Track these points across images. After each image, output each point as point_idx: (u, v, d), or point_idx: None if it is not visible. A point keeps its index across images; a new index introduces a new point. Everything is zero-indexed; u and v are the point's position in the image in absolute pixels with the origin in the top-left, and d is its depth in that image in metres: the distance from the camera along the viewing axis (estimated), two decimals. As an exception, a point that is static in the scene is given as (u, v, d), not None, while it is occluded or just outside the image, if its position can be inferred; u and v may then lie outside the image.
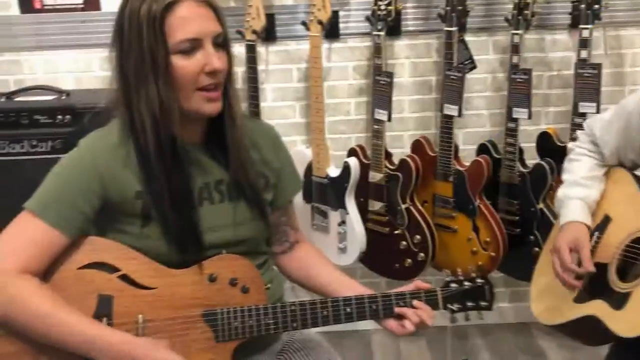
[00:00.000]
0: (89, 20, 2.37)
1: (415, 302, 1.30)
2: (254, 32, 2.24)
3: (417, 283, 1.34)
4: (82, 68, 2.41)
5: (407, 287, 1.34)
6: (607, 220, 1.59)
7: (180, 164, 1.25)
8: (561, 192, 1.66)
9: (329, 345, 1.47)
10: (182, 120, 1.25)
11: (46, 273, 1.22)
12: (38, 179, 2.02)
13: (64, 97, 2.14)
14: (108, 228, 1.29)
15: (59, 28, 2.38)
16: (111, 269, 1.25)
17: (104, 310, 1.22)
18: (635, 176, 1.60)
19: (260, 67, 2.40)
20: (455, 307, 1.32)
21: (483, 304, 1.33)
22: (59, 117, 2.04)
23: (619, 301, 1.44)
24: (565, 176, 1.69)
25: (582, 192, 1.61)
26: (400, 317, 1.30)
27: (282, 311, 1.28)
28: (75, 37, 2.39)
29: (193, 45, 1.21)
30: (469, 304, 1.33)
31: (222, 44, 1.25)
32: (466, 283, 1.33)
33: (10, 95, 2.15)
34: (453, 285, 1.33)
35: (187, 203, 1.27)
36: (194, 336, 1.25)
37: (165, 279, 1.26)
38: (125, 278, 1.24)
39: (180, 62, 1.20)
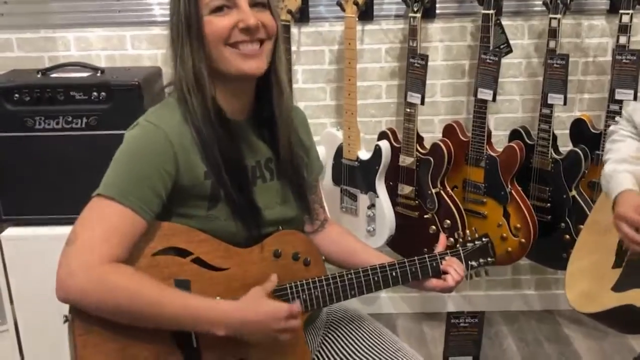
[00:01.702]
0: (122, -2, 2.38)
1: (447, 257, 1.40)
2: (289, 12, 2.23)
3: (442, 237, 1.45)
4: (115, 46, 2.42)
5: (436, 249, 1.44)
6: None
7: (232, 137, 1.25)
8: (609, 167, 1.63)
9: (367, 315, 1.53)
10: (225, 93, 1.25)
11: (126, 259, 1.19)
12: (72, 155, 2.08)
13: (99, 74, 2.15)
14: (173, 213, 1.26)
15: (94, 5, 2.38)
16: (184, 252, 1.24)
17: None
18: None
19: (292, 48, 2.39)
20: (474, 263, 1.44)
21: (490, 259, 1.46)
22: (94, 93, 2.04)
23: (659, 290, 1.43)
24: (609, 155, 1.67)
25: (630, 167, 1.59)
26: (438, 276, 1.39)
27: (342, 280, 1.32)
28: (109, 14, 2.39)
29: (226, 4, 1.21)
30: (481, 260, 1.45)
31: (262, 3, 1.24)
32: (477, 242, 1.45)
33: (45, 71, 2.15)
34: (469, 244, 1.45)
35: (245, 179, 1.27)
36: None
37: (235, 259, 1.26)
38: (198, 261, 1.24)
39: (213, 20, 1.20)
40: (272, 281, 1.26)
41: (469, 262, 1.43)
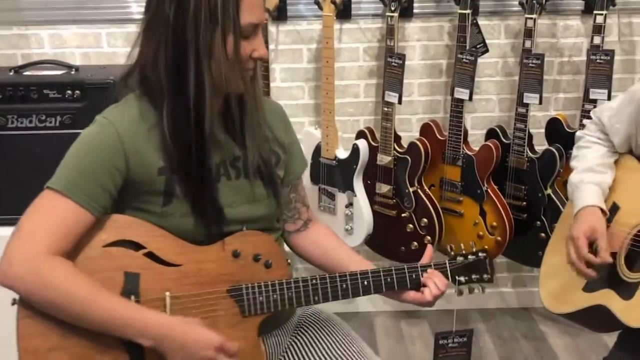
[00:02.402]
0: (97, -5, 2.36)
1: (429, 270, 1.34)
2: (267, 10, 2.23)
3: (429, 249, 1.39)
4: (90, 44, 2.39)
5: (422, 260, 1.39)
6: (615, 208, 1.60)
7: (206, 135, 1.24)
8: (576, 177, 1.65)
9: (340, 319, 1.50)
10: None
11: (72, 252, 1.21)
12: (46, 154, 2.04)
13: (73, 72, 2.12)
14: (127, 207, 1.27)
15: (68, 2, 2.35)
16: (137, 246, 1.24)
17: (131, 288, 1.21)
18: (643, 164, 1.61)
19: (270, 46, 2.38)
20: (462, 279, 1.37)
21: (486, 276, 1.39)
22: (69, 92, 2.02)
23: (628, 291, 1.46)
24: (575, 163, 1.69)
25: (597, 177, 1.61)
26: (417, 289, 1.35)
27: (305, 285, 1.30)
28: (84, 12, 2.36)
29: (253, 31, 1.22)
30: (474, 276, 1.38)
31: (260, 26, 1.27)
32: (470, 257, 1.38)
33: (18, 69, 2.12)
34: (459, 258, 1.38)
35: (207, 176, 1.26)
36: (220, 312, 1.26)
37: (190, 256, 1.26)
38: (151, 255, 1.24)
39: (243, 44, 1.21)
40: (231, 343, 1.22)
41: (457, 277, 1.37)
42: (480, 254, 1.39)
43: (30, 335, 1.18)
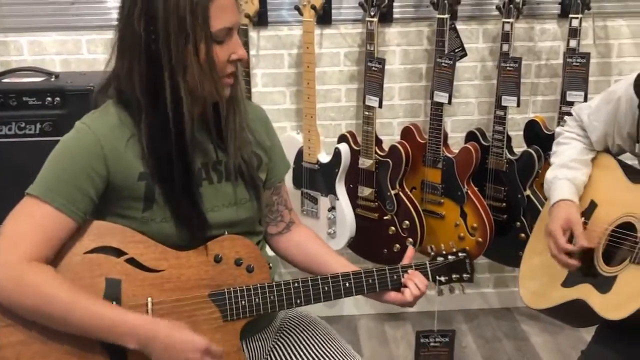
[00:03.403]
0: (78, 2, 2.34)
1: (410, 271, 1.36)
2: (247, 16, 2.24)
3: (409, 250, 1.41)
4: (70, 50, 2.39)
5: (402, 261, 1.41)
6: (593, 205, 1.63)
7: (187, 142, 1.24)
8: (550, 173, 1.68)
9: (323, 321, 1.51)
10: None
11: (53, 258, 1.21)
12: (26, 162, 2.03)
13: (53, 79, 2.11)
14: (107, 213, 1.27)
15: (47, 9, 2.34)
16: (118, 252, 1.24)
17: (112, 294, 1.22)
18: (620, 162, 1.64)
19: (251, 52, 2.39)
20: (442, 279, 1.40)
21: (465, 276, 1.41)
22: (49, 99, 2.01)
23: (605, 285, 1.48)
24: (553, 159, 1.72)
25: (570, 173, 1.64)
26: (398, 289, 1.37)
27: (287, 288, 1.30)
28: (64, 18, 2.35)
29: (227, 35, 1.22)
30: (454, 276, 1.41)
31: (238, 29, 1.26)
32: (450, 257, 1.41)
33: (-3, 76, 2.12)
34: (439, 258, 1.40)
35: (189, 181, 1.26)
36: (202, 317, 1.26)
37: (171, 261, 1.26)
38: (132, 261, 1.24)
39: (215, 50, 1.20)
40: (215, 346, 1.22)
41: (437, 278, 1.39)
42: (460, 254, 1.41)
43: (12, 343, 1.17)
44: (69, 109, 2.01)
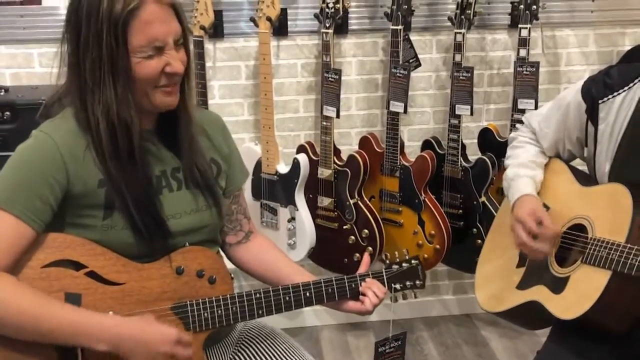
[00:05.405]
0: (28, 15, 2.29)
1: (367, 280, 1.38)
2: (202, 27, 2.23)
3: (365, 258, 1.43)
4: (21, 64, 2.34)
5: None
6: (545, 208, 1.67)
7: (137, 152, 1.24)
8: (510, 171, 1.70)
9: (282, 331, 1.51)
10: (137, 110, 1.24)
11: (13, 268, 1.17)
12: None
13: (2, 93, 2.07)
14: (65, 224, 1.25)
15: (-3, 22, 2.30)
16: (77, 265, 1.21)
17: None
18: (570, 167, 1.69)
19: (208, 64, 2.39)
20: (398, 286, 1.42)
21: (418, 282, 1.44)
22: (-2, 113, 1.97)
23: (558, 285, 1.51)
24: (509, 161, 1.75)
25: (530, 172, 1.67)
26: (357, 298, 1.38)
27: (249, 299, 1.30)
28: (13, 31, 2.30)
29: (155, 50, 1.20)
30: (408, 283, 1.43)
31: (181, 42, 1.25)
32: (404, 264, 1.43)
33: (-55, 90, 2.06)
34: (394, 266, 1.43)
35: (147, 190, 1.26)
36: None
37: (133, 274, 1.24)
38: (92, 274, 1.22)
39: (141, 64, 1.19)
40: (185, 335, 1.23)
41: (392, 285, 1.41)
42: (412, 262, 1.44)
43: None
44: (19, 123, 1.97)
